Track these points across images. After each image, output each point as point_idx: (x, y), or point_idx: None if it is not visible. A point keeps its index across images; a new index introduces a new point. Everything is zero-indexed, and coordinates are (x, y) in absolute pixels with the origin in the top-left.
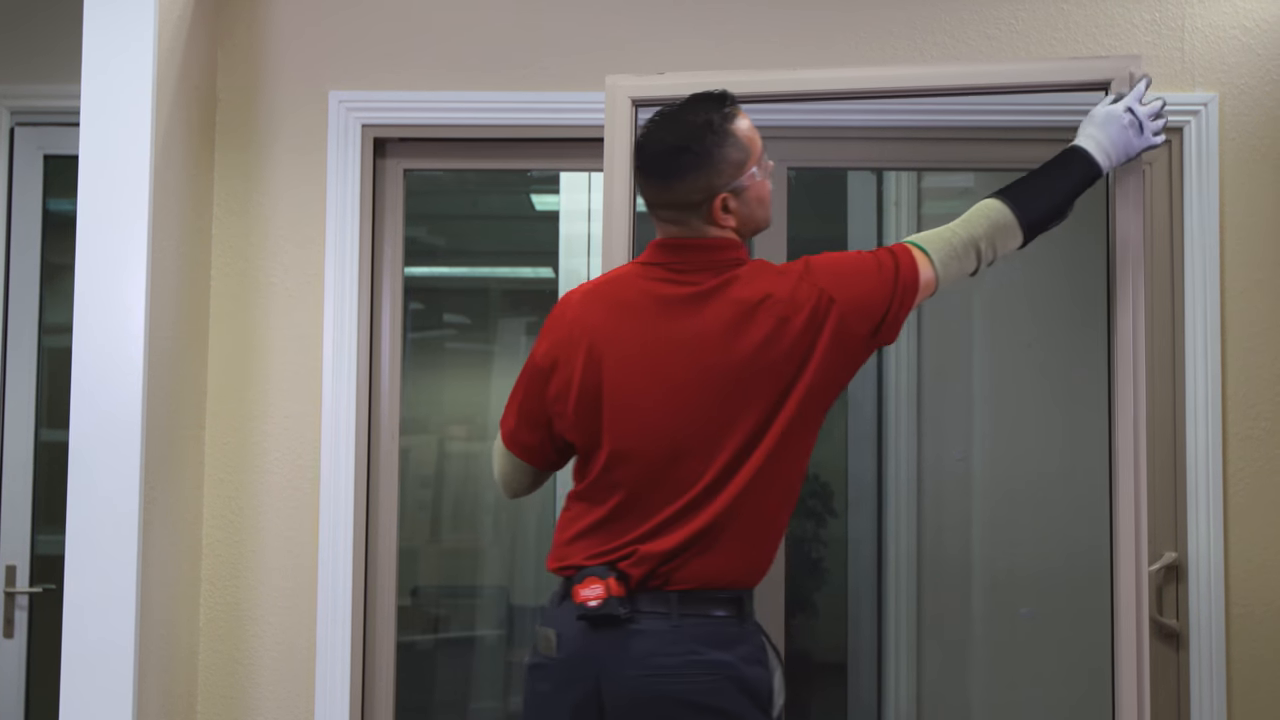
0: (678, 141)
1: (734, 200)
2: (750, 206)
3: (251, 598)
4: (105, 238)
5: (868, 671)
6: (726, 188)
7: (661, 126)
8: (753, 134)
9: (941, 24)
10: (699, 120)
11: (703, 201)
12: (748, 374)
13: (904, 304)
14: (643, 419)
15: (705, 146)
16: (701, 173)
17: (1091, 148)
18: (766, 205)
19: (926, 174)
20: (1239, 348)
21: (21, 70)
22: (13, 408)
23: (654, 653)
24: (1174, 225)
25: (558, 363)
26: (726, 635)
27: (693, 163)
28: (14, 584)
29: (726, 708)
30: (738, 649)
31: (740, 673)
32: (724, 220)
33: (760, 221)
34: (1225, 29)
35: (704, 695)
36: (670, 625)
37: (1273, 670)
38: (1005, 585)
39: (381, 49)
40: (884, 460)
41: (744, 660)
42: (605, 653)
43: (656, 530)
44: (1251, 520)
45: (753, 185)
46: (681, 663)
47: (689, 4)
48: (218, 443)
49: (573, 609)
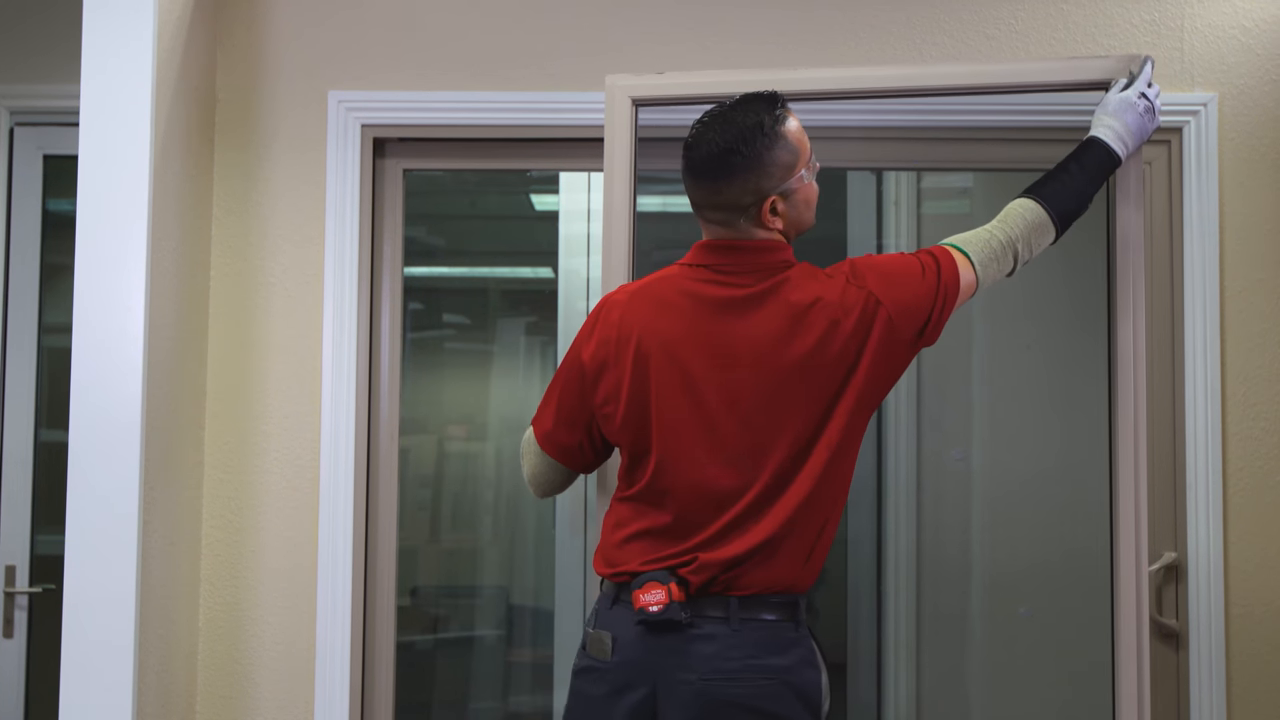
0: (728, 144)
1: (782, 203)
2: (798, 209)
3: (251, 598)
4: (105, 238)
5: (867, 671)
6: (776, 190)
7: (711, 128)
8: (802, 135)
9: (941, 24)
10: (750, 122)
11: (752, 204)
12: (800, 378)
13: (947, 305)
14: (695, 424)
15: (756, 149)
16: (752, 175)
17: (1109, 137)
18: (813, 207)
19: (926, 174)
20: (1239, 348)
21: (21, 70)
22: (13, 408)
23: (714, 658)
24: (1174, 225)
25: (606, 364)
26: (782, 640)
27: (743, 165)
28: (14, 584)
29: (782, 712)
30: (792, 653)
31: (795, 677)
32: (772, 223)
33: (806, 223)
34: (1224, 29)
35: (761, 700)
36: (730, 630)
37: (1272, 670)
38: (1005, 585)
39: (381, 49)
40: (884, 460)
41: (798, 665)
42: (664, 658)
43: (717, 537)
44: (1251, 520)
45: (801, 188)
46: (740, 668)
47: (688, 4)
48: (217, 442)
49: (630, 613)
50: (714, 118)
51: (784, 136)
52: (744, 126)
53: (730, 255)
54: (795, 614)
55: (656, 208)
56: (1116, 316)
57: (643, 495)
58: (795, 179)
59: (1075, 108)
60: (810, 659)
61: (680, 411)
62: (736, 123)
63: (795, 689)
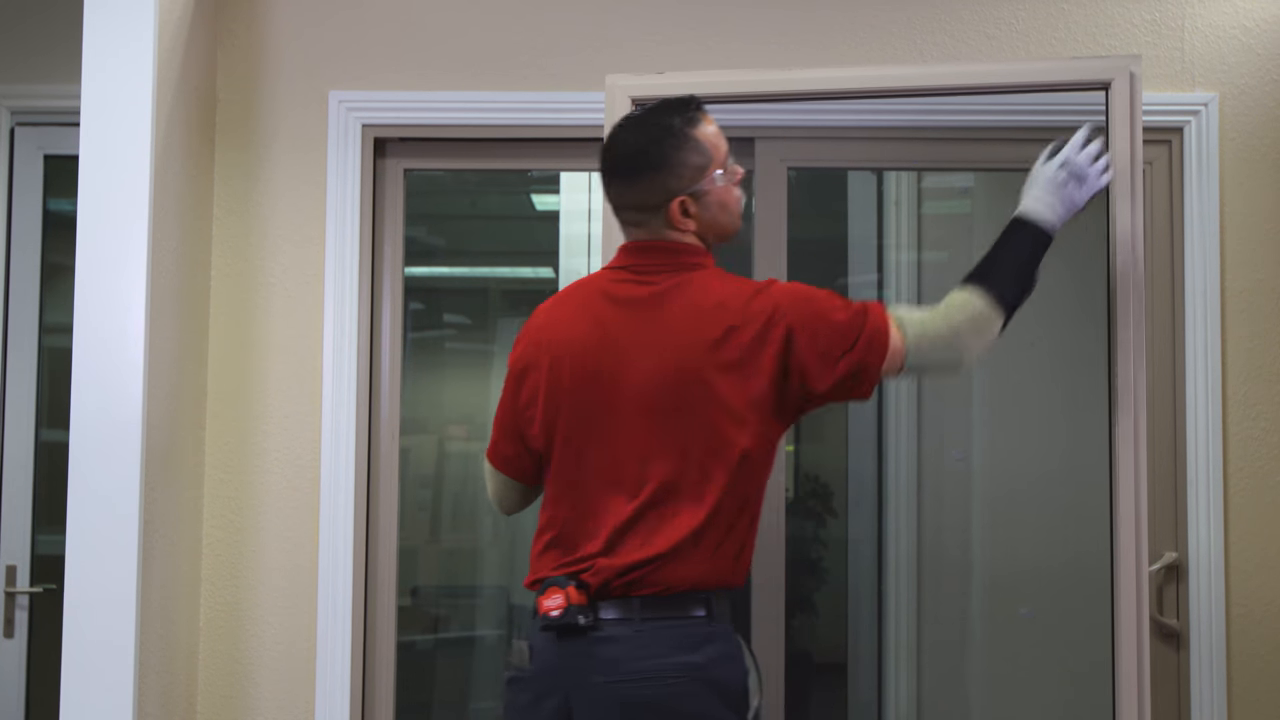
0: (639, 144)
1: (693, 204)
2: (712, 211)
3: (251, 598)
4: (105, 237)
5: (867, 672)
6: (685, 191)
7: (625, 129)
8: (718, 139)
9: (941, 24)
10: (661, 124)
11: (661, 204)
12: (696, 380)
13: (871, 351)
14: (597, 428)
15: (664, 150)
16: (660, 175)
17: (1038, 211)
18: (730, 211)
19: (927, 174)
20: (1239, 348)
21: (21, 70)
22: (13, 408)
23: (621, 659)
24: (1174, 225)
25: (527, 370)
26: (693, 637)
27: (651, 165)
28: (14, 584)
29: (696, 710)
30: (707, 650)
31: (709, 674)
32: (683, 224)
33: (724, 227)
34: (1225, 29)
35: (676, 699)
36: (634, 631)
37: (1273, 670)
38: (1005, 585)
39: (382, 49)
40: (884, 460)
41: (715, 661)
42: (573, 663)
43: (614, 540)
44: (1252, 520)
45: (714, 190)
46: (648, 667)
47: (689, 4)
48: (218, 442)
49: (540, 621)
50: (629, 120)
51: (695, 139)
52: (654, 128)
53: (644, 255)
54: (709, 610)
55: None
56: (1117, 316)
57: (553, 501)
58: (707, 180)
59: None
60: (731, 654)
61: (584, 416)
62: (648, 124)
63: (710, 685)
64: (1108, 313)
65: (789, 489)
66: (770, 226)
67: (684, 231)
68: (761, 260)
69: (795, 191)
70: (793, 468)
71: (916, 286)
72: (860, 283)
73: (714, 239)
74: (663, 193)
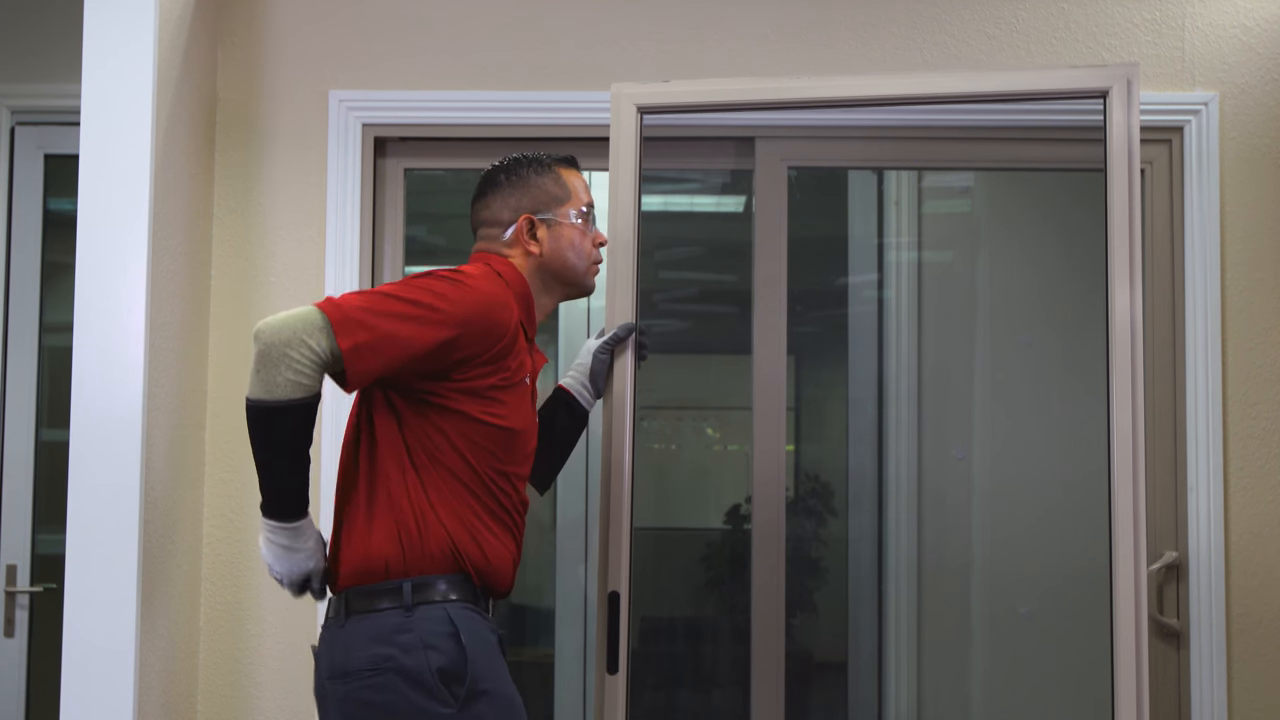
0: (504, 166)
1: (543, 228)
2: (559, 244)
3: (252, 597)
4: (105, 237)
5: (868, 671)
6: (536, 212)
7: (502, 161)
8: (585, 192)
9: (942, 23)
10: (532, 157)
11: (511, 221)
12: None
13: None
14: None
15: (524, 171)
16: (515, 191)
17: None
18: (581, 254)
19: (927, 173)
20: (1239, 347)
21: (22, 70)
22: (13, 407)
23: (331, 655)
24: (1174, 225)
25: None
26: (387, 627)
27: (508, 182)
28: (14, 583)
29: (386, 700)
30: (399, 639)
31: (400, 663)
32: (530, 246)
33: (571, 268)
34: (1225, 28)
35: (367, 691)
36: (339, 625)
37: (1273, 669)
38: (1005, 585)
39: (382, 48)
40: (884, 460)
41: (404, 650)
42: (317, 658)
43: (332, 538)
44: (1252, 519)
45: (567, 224)
46: (349, 659)
47: (689, 3)
48: (218, 442)
49: None
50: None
51: (558, 174)
52: (522, 158)
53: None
54: (400, 599)
55: (659, 207)
56: (1115, 315)
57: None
58: (561, 212)
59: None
60: (424, 643)
61: None
62: (521, 158)
63: (403, 674)
64: (1107, 313)
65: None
66: (770, 226)
67: (529, 254)
68: (761, 260)
69: (795, 191)
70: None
71: (917, 286)
72: (860, 282)
73: (559, 282)
74: (514, 209)
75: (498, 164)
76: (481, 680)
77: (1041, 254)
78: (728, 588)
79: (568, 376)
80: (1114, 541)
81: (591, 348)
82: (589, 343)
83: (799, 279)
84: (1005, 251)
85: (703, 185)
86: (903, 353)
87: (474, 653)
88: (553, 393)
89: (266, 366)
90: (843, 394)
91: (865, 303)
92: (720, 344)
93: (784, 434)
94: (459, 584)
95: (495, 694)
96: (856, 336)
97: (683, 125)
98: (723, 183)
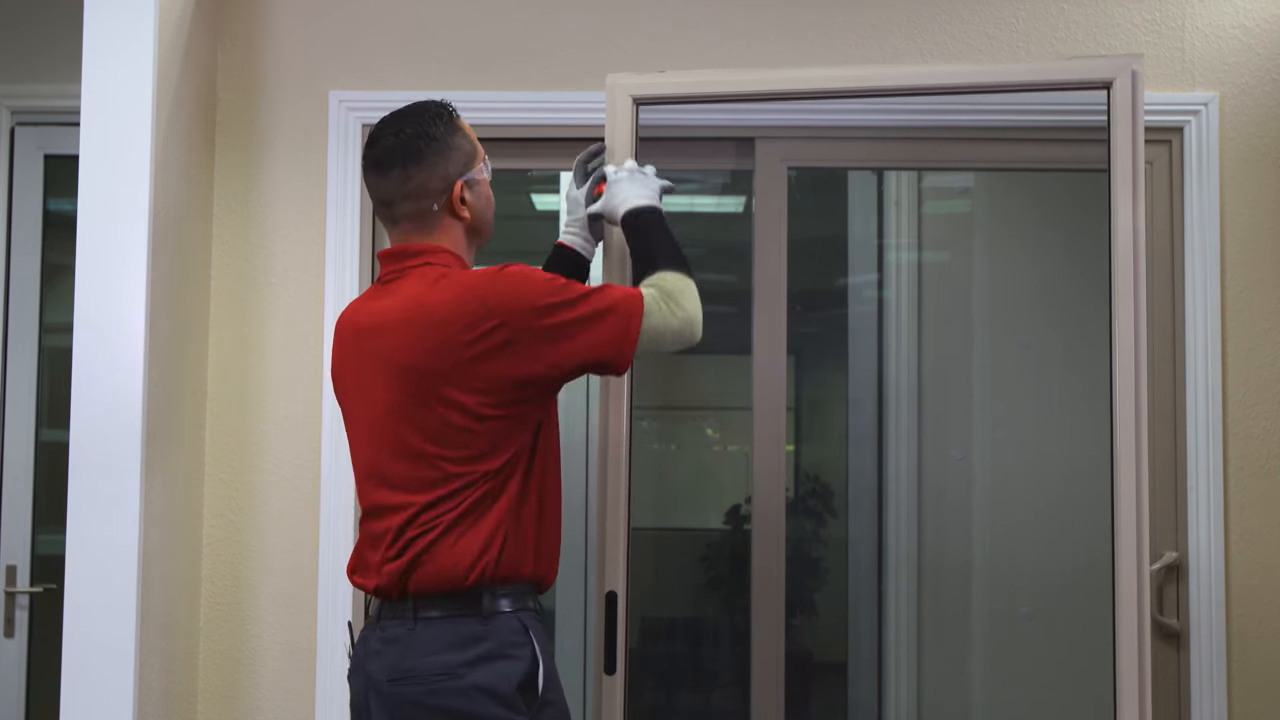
0: (415, 130)
1: (468, 191)
2: (481, 202)
3: (252, 598)
4: (105, 237)
5: (868, 671)
6: (463, 176)
7: (390, 124)
8: (474, 136)
9: (942, 23)
10: (429, 113)
11: (444, 189)
12: (415, 385)
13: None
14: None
15: (441, 133)
16: (441, 158)
17: (636, 201)
18: (493, 207)
19: (927, 173)
20: (1239, 347)
21: (22, 70)
22: (13, 407)
23: (397, 660)
24: (1174, 225)
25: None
26: (463, 634)
27: (431, 149)
28: (14, 584)
29: (459, 707)
30: (476, 647)
31: (476, 670)
32: (462, 211)
33: (488, 224)
34: (1225, 28)
35: (437, 697)
36: (406, 630)
37: (1273, 670)
38: (1006, 585)
39: (381, 48)
40: (884, 460)
41: (481, 658)
42: (366, 661)
43: (382, 539)
44: (1252, 519)
45: (482, 181)
46: (416, 663)
47: (690, 4)
48: (218, 442)
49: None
50: (391, 117)
51: (459, 129)
52: (424, 117)
53: (396, 261)
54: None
55: None
56: (1117, 316)
57: None
58: (476, 169)
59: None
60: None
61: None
62: (415, 115)
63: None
64: (1108, 312)
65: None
66: (770, 226)
67: (462, 220)
68: (761, 260)
69: (795, 191)
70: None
71: (917, 286)
72: (860, 282)
73: (481, 233)
74: (444, 177)
75: (403, 129)
76: (548, 690)
77: (1042, 254)
78: (728, 588)
79: (568, 233)
80: (1116, 541)
81: (582, 198)
82: (578, 192)
83: (799, 279)
84: (1005, 252)
85: (702, 185)
86: (903, 353)
87: (545, 663)
88: (555, 252)
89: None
90: (843, 394)
91: (865, 303)
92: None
93: (784, 434)
94: (529, 592)
95: (557, 704)
96: (856, 337)
97: (682, 125)
98: (723, 183)
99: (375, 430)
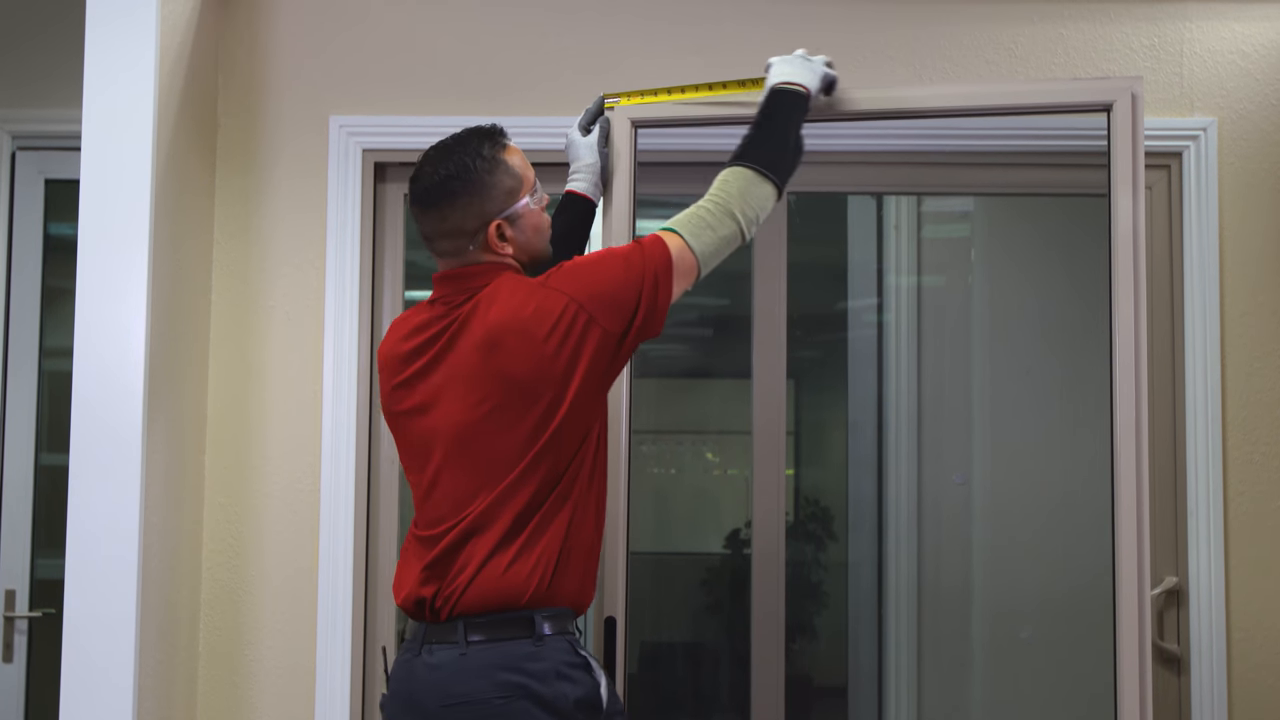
0: (449, 171)
1: (510, 228)
2: (527, 235)
3: (252, 621)
4: (106, 261)
5: (868, 695)
6: (500, 214)
7: (433, 160)
8: (525, 165)
9: (941, 49)
10: (470, 150)
11: (478, 229)
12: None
13: (660, 286)
14: (421, 457)
15: (477, 174)
16: (475, 199)
17: (786, 78)
18: (545, 235)
19: (926, 198)
20: (1239, 371)
21: (23, 95)
22: (13, 431)
23: (447, 682)
24: (1174, 249)
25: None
26: (518, 655)
27: (465, 190)
28: (13, 608)
29: None
30: (531, 667)
31: (535, 690)
32: (501, 248)
33: (540, 251)
34: (1223, 54)
35: (497, 717)
36: (459, 653)
37: (1274, 695)
38: (1006, 609)
39: (381, 74)
40: (884, 484)
41: (538, 678)
42: (411, 687)
43: (438, 562)
44: (1252, 544)
45: (528, 214)
46: (472, 689)
47: (687, 30)
48: (218, 466)
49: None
50: (435, 150)
51: (504, 163)
52: (465, 151)
53: (452, 284)
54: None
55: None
56: (1116, 340)
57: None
58: (520, 205)
59: (1075, 132)
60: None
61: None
62: (456, 152)
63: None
64: (1108, 336)
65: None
66: (770, 251)
67: (501, 255)
68: (760, 284)
69: (794, 215)
70: (793, 491)
71: (916, 310)
72: (860, 307)
73: (532, 263)
74: (479, 216)
75: (440, 170)
76: (613, 704)
77: (1041, 278)
78: (727, 612)
79: (577, 180)
80: (1117, 566)
81: (592, 144)
82: (586, 139)
83: (798, 303)
84: (1005, 276)
85: None
86: (902, 377)
87: (605, 680)
88: (565, 200)
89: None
90: (842, 418)
91: (865, 327)
92: (720, 368)
93: (784, 458)
94: (569, 615)
95: (623, 713)
96: (856, 361)
97: (681, 150)
98: None
99: (439, 450)
